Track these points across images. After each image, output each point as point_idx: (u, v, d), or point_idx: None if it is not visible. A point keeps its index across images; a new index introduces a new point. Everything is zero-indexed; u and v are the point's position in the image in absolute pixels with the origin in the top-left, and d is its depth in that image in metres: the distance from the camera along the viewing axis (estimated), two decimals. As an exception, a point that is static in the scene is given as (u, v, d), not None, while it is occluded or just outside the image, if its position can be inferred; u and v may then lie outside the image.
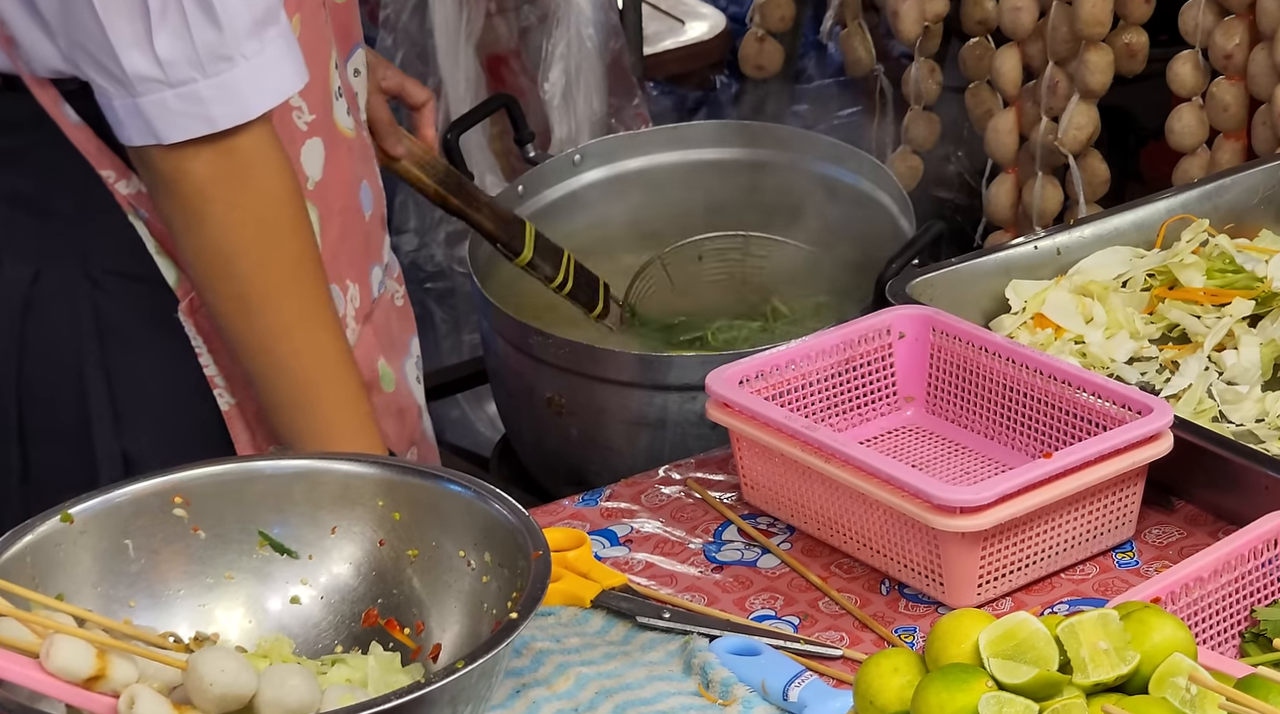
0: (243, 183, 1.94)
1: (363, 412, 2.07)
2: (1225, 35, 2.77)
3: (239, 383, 2.09)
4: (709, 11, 4.37)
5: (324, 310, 2.03)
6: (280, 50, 1.93)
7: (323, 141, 2.09)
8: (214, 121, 1.91)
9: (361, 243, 2.18)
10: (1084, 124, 2.95)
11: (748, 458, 2.09)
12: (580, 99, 3.34)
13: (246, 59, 1.91)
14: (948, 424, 2.17)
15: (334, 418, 2.05)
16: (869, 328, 2.17)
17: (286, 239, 1.98)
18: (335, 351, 2.04)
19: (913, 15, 3.08)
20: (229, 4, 1.88)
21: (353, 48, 2.17)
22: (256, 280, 1.98)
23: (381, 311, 2.24)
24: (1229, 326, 2.28)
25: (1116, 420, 2.02)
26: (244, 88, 1.91)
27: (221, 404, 2.10)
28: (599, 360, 2.50)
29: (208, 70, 1.90)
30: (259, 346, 2.01)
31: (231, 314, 2.00)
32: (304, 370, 2.03)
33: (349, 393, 2.06)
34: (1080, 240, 2.38)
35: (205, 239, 1.96)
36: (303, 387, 2.03)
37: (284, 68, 1.93)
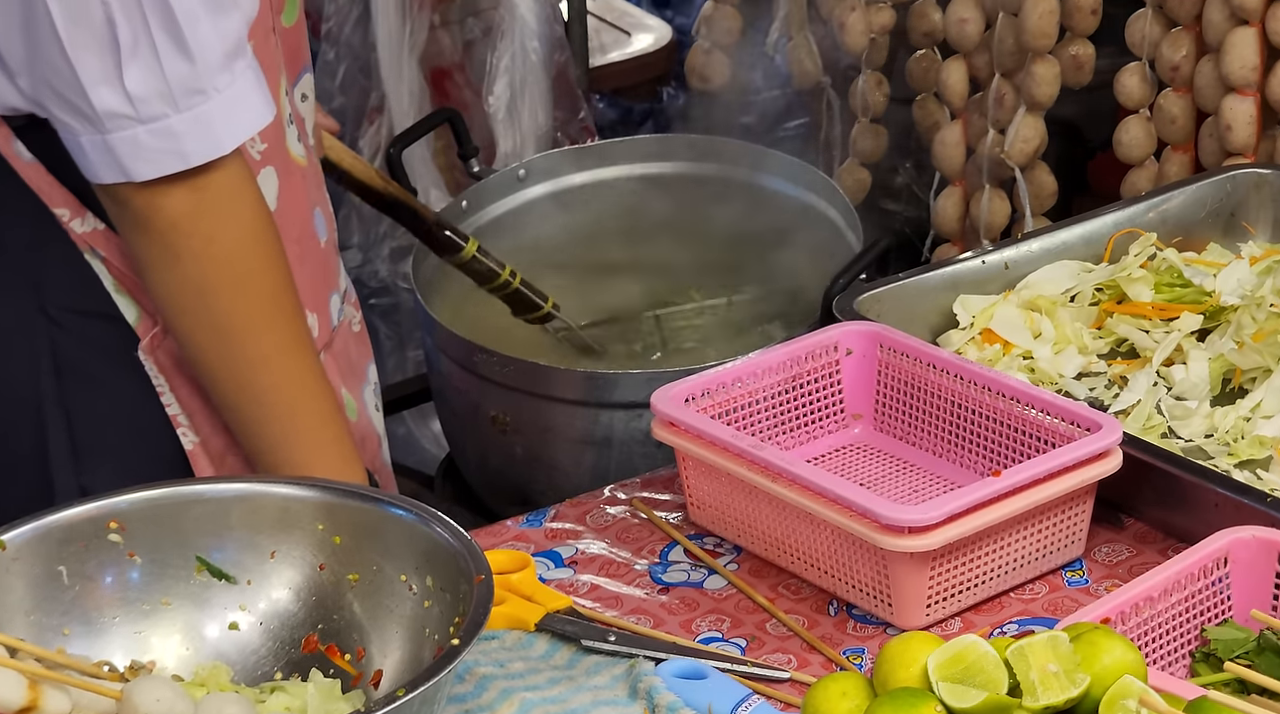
0: (218, 218, 1.91)
1: (345, 442, 2.05)
2: (1172, 47, 2.76)
3: (202, 420, 2.06)
4: (655, 23, 4.35)
5: (302, 341, 2.01)
6: (250, 82, 1.90)
7: (276, 170, 2.07)
8: (187, 157, 1.88)
9: (319, 271, 2.16)
10: (1031, 137, 2.94)
11: (694, 477, 2.06)
12: (525, 113, 3.32)
13: (219, 92, 1.87)
14: (896, 441, 2.15)
15: (316, 449, 2.03)
16: (816, 344, 2.15)
17: (262, 272, 1.96)
18: (314, 382, 2.02)
19: (859, 27, 3.06)
20: (201, 36, 1.85)
21: (301, 72, 2.14)
22: (234, 314, 1.95)
23: (341, 339, 2.21)
24: (1177, 341, 2.26)
25: (1065, 437, 2.00)
26: (216, 122, 1.88)
27: (185, 443, 2.07)
28: (544, 378, 2.47)
29: (180, 105, 1.86)
30: (238, 381, 1.99)
31: (208, 349, 1.97)
32: (284, 402, 2.00)
33: (330, 423, 2.04)
34: (1028, 254, 2.37)
35: (181, 275, 1.93)
36: (283, 419, 2.01)
37: (254, 100, 1.91)
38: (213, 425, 2.06)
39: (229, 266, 1.92)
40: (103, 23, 1.83)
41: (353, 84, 3.46)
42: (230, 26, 1.87)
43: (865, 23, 3.06)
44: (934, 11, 3.06)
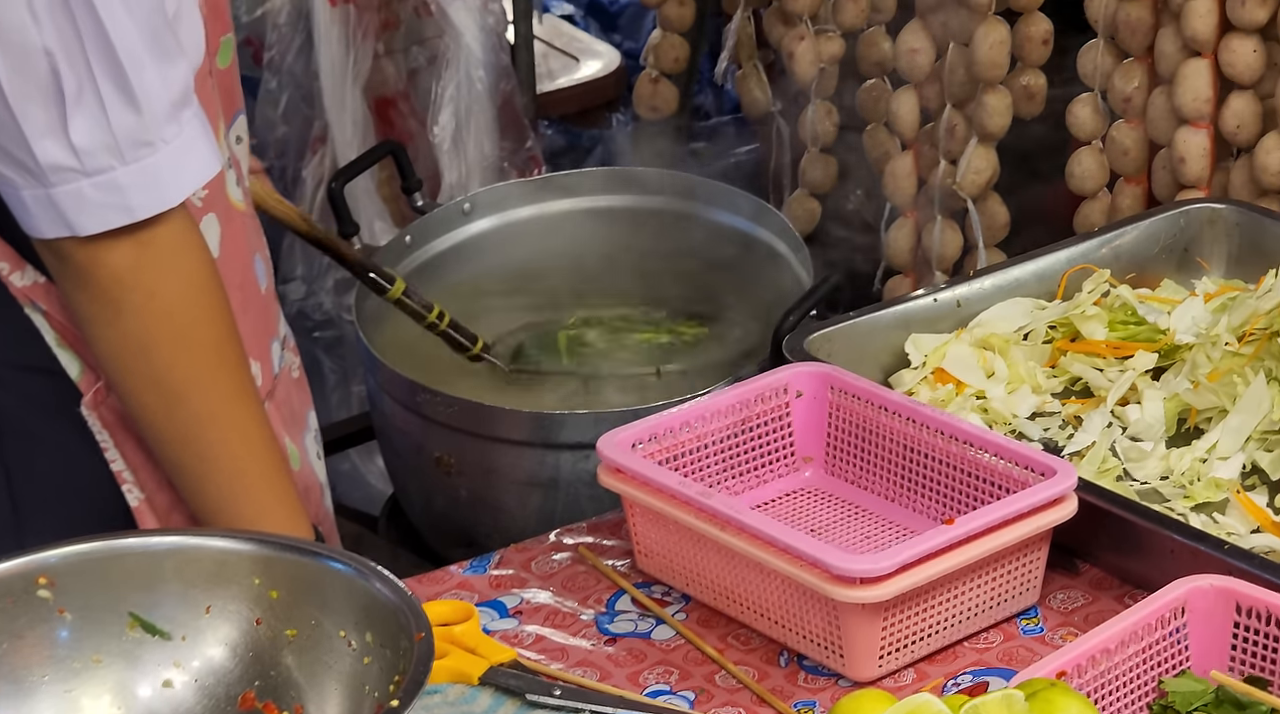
0: (163, 272, 1.86)
1: (291, 497, 2.01)
2: (1124, 78, 2.73)
3: (147, 476, 2.01)
4: (603, 49, 4.32)
5: (247, 394, 1.96)
6: (196, 131, 1.85)
7: (218, 217, 2.02)
8: (133, 211, 1.83)
9: (260, 318, 2.11)
10: (983, 168, 2.91)
11: (641, 524, 2.02)
12: (471, 143, 3.27)
13: (166, 143, 1.82)
14: (847, 485, 2.11)
15: (263, 505, 1.98)
16: (765, 387, 2.11)
17: (207, 325, 1.91)
18: (260, 437, 1.97)
19: (808, 57, 3.02)
20: (147, 85, 1.80)
21: (235, 114, 2.09)
22: (178, 369, 1.90)
23: (283, 387, 2.17)
24: (1132, 381, 2.23)
25: (1020, 482, 1.96)
26: (164, 174, 1.83)
27: (130, 500, 2.02)
28: (489, 419, 2.42)
29: (127, 157, 1.81)
30: (183, 436, 1.94)
31: (153, 406, 1.92)
32: (230, 458, 1.96)
33: (276, 478, 1.99)
34: (981, 292, 2.33)
35: (124, 330, 1.88)
36: (229, 475, 1.96)
37: (201, 150, 1.86)
38: (158, 481, 2.01)
39: (172, 321, 1.87)
40: (46, 74, 1.78)
41: (295, 113, 3.41)
42: (177, 75, 1.83)
43: (814, 52, 3.02)
44: (884, 41, 3.03)
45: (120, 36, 1.77)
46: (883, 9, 3.02)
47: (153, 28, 1.80)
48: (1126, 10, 2.69)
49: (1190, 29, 2.59)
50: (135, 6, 1.78)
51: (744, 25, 3.17)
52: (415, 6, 3.32)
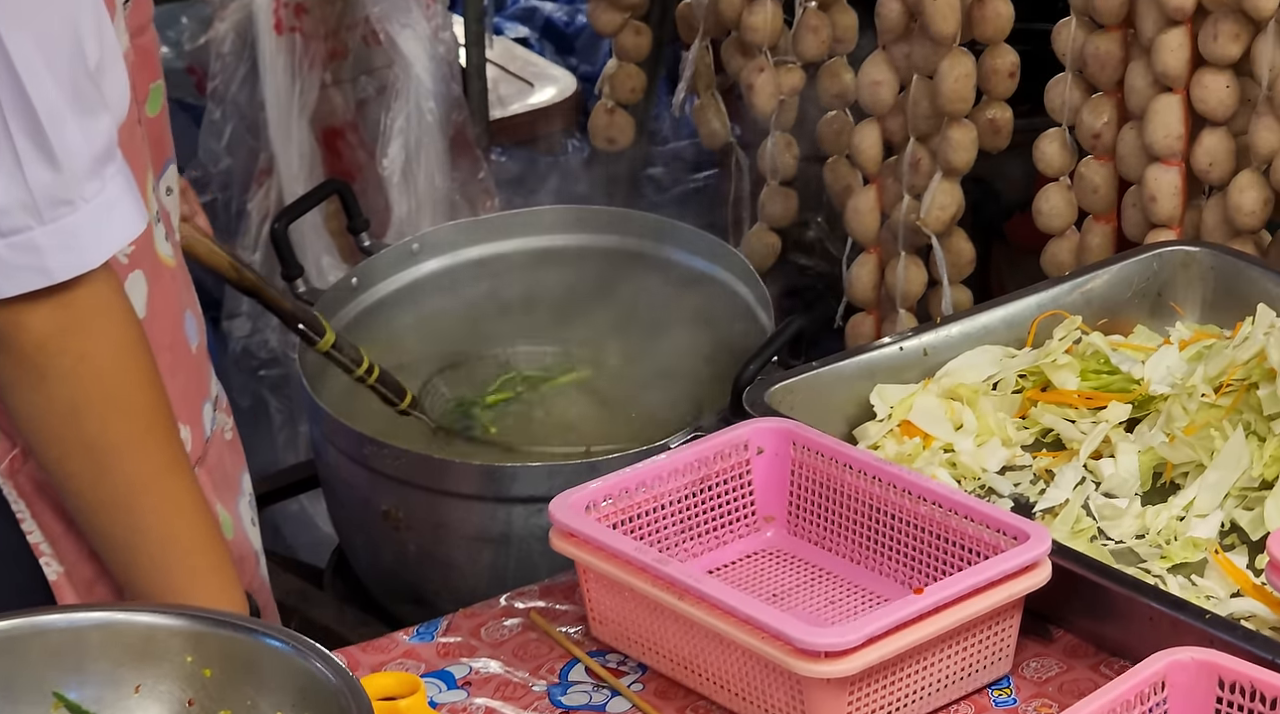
0: (87, 335, 1.77)
1: (224, 568, 1.92)
2: (1093, 114, 2.65)
3: (67, 548, 1.92)
4: (559, 73, 4.22)
5: (178, 462, 1.87)
6: (120, 188, 1.76)
7: (145, 274, 1.93)
8: (51, 273, 1.73)
9: (191, 379, 2.02)
10: (947, 203, 2.83)
11: (595, 591, 1.93)
12: (421, 176, 3.18)
13: (86, 201, 1.73)
14: (811, 546, 2.02)
15: (194, 577, 1.89)
16: (725, 444, 2.02)
17: (137, 390, 1.82)
18: (191, 505, 1.88)
19: (768, 89, 2.94)
20: (68, 141, 1.70)
21: (165, 163, 2.00)
22: (107, 436, 1.81)
23: (215, 451, 2.07)
24: (1105, 433, 2.15)
25: (991, 546, 1.88)
26: (84, 234, 1.73)
27: (49, 573, 1.92)
28: (438, 471, 2.34)
29: (45, 216, 1.72)
30: (112, 505, 1.85)
31: (80, 474, 1.83)
32: (160, 528, 1.87)
33: (209, 549, 1.90)
34: (948, 339, 2.25)
35: (48, 397, 1.78)
36: (159, 546, 1.87)
37: (125, 208, 1.76)
38: (79, 553, 1.91)
39: (100, 386, 1.78)
40: None
41: (240, 144, 3.31)
42: (99, 129, 1.73)
43: (774, 84, 2.93)
44: (845, 72, 2.95)
45: (38, 91, 1.68)
46: (844, 39, 2.94)
47: (73, 81, 1.71)
48: (1095, 43, 2.61)
49: (1161, 64, 2.52)
50: (54, 59, 1.69)
51: (702, 55, 3.08)
52: (364, 35, 3.23)
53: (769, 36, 2.93)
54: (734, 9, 2.94)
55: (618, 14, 3.11)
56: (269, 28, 3.19)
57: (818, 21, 2.91)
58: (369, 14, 3.18)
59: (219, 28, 3.27)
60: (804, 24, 2.92)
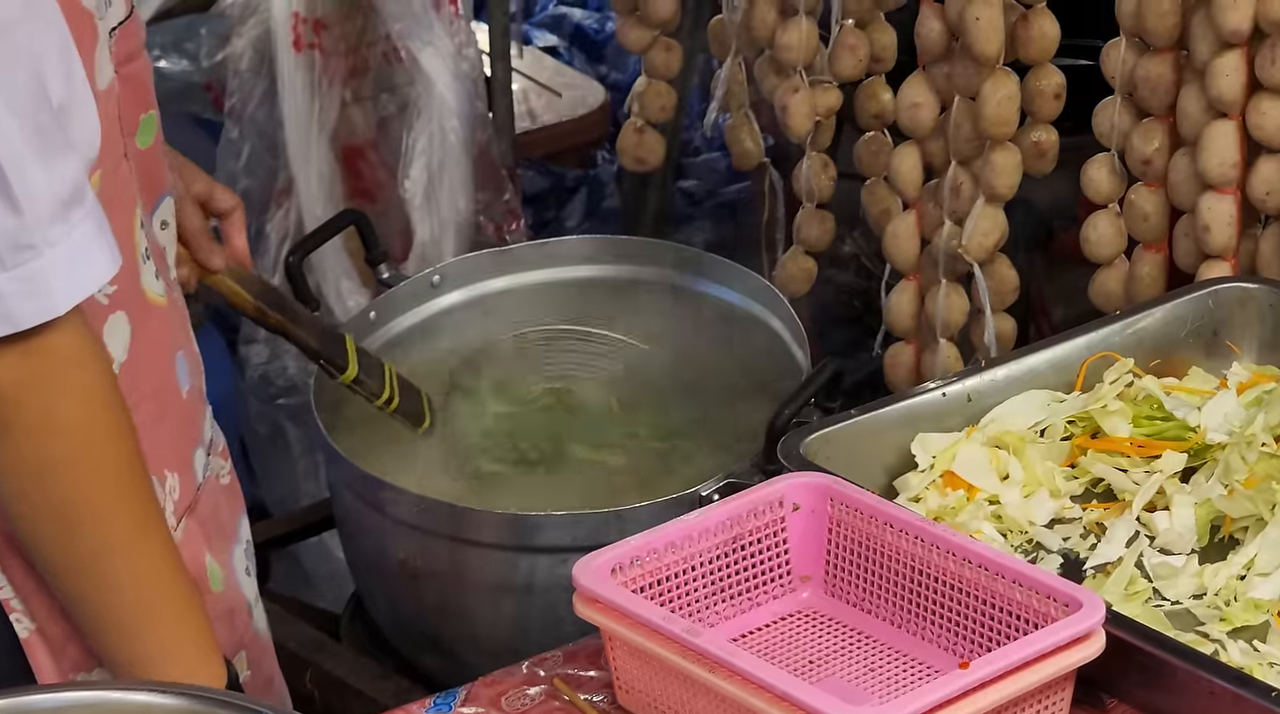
0: (56, 387, 1.68)
1: (204, 635, 1.82)
2: (1144, 139, 2.53)
3: (39, 604, 1.82)
4: (588, 84, 4.13)
5: (154, 519, 1.78)
6: (89, 232, 1.67)
7: (128, 315, 1.83)
8: (16, 321, 1.64)
9: (181, 425, 1.92)
10: (990, 230, 2.71)
11: (622, 659, 1.83)
12: (444, 198, 3.08)
13: (52, 246, 1.64)
14: (849, 608, 1.92)
15: (172, 645, 1.80)
16: (759, 500, 1.91)
17: (110, 445, 1.72)
18: (168, 565, 1.79)
19: (803, 110, 2.82)
20: (30, 186, 1.62)
21: (159, 198, 1.90)
22: (80, 494, 1.72)
23: (207, 498, 1.97)
24: (1159, 484, 2.04)
25: (1040, 613, 1.77)
26: (50, 280, 1.64)
27: (20, 630, 1.83)
28: (457, 519, 2.23)
29: (7, 263, 1.63)
30: (83, 567, 1.75)
31: (49, 534, 1.74)
32: (136, 592, 1.78)
33: (187, 616, 1.81)
34: (993, 384, 2.14)
35: (16, 452, 1.69)
36: (134, 608, 1.78)
37: (94, 252, 1.67)
38: (50, 609, 1.82)
39: (68, 442, 1.69)
40: None
41: (259, 164, 3.22)
42: (65, 173, 1.64)
43: (810, 105, 2.82)
44: (884, 92, 2.83)
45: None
46: (882, 58, 2.83)
47: (36, 123, 1.62)
48: (1146, 66, 2.49)
49: (1216, 88, 2.40)
50: (15, 102, 1.61)
51: (734, 73, 2.97)
52: (385, 52, 3.13)
53: (804, 55, 2.81)
54: (767, 26, 2.83)
55: (647, 31, 3.00)
56: (288, 44, 3.10)
57: (855, 40, 2.80)
58: (390, 31, 3.08)
59: (236, 44, 3.18)
60: (841, 42, 2.80)
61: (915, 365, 2.85)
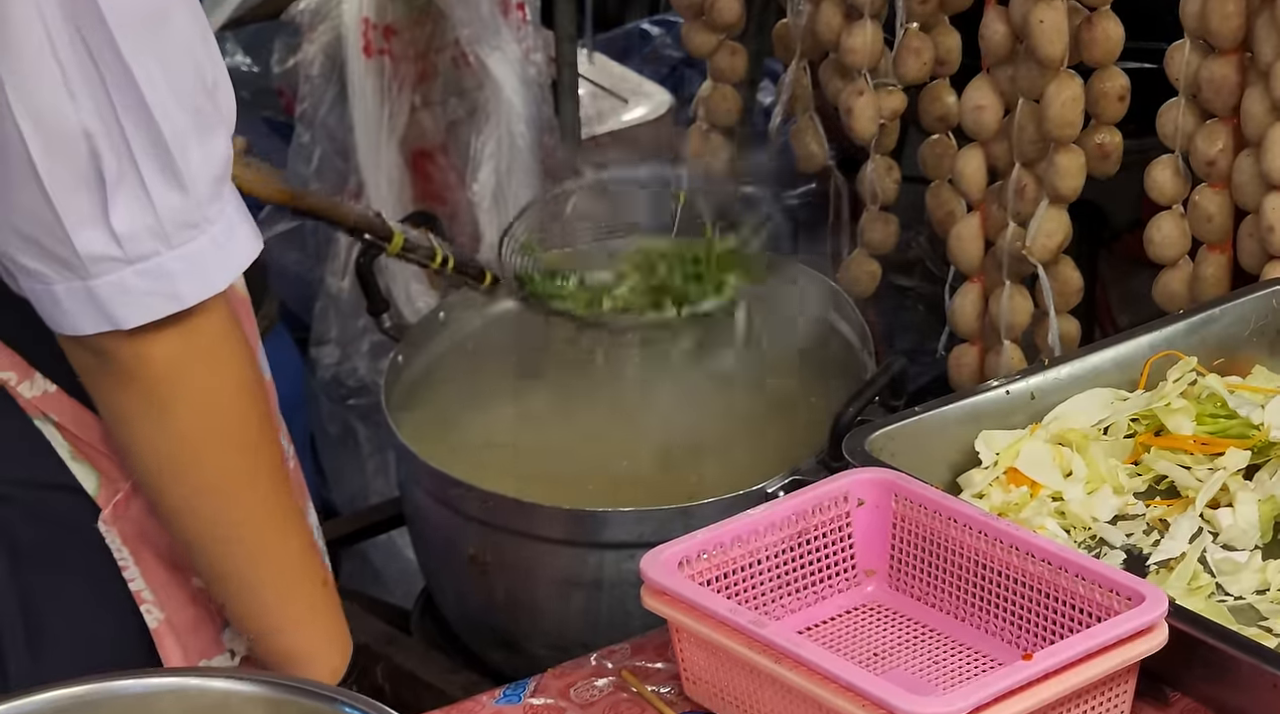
0: (211, 366, 1.72)
1: (335, 601, 1.90)
2: (1208, 140, 2.54)
3: (169, 596, 1.88)
4: (654, 90, 4.14)
5: (288, 491, 1.84)
6: (237, 208, 1.72)
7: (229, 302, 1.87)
8: (181, 298, 1.68)
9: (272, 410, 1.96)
10: (1054, 231, 2.72)
11: (688, 650, 1.85)
12: (512, 201, 3.11)
13: (211, 223, 1.68)
14: (913, 602, 1.94)
15: (309, 608, 1.87)
16: (824, 495, 1.94)
17: (256, 419, 1.78)
18: (306, 537, 1.86)
19: (868, 113, 2.85)
20: (192, 164, 1.65)
21: None
22: (233, 467, 1.77)
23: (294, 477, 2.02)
24: (1223, 481, 2.05)
25: (1104, 608, 1.79)
26: (210, 257, 1.68)
27: (150, 620, 1.88)
28: (525, 515, 2.26)
29: (173, 241, 1.66)
30: (233, 537, 1.80)
31: (196, 508, 1.79)
32: (281, 561, 1.84)
33: (325, 583, 1.88)
34: (1056, 383, 2.15)
35: (171, 430, 1.73)
36: (279, 578, 1.84)
37: (244, 229, 1.72)
38: (180, 600, 1.87)
39: (224, 418, 1.73)
40: (86, 157, 1.63)
41: (329, 168, 3.26)
42: (218, 148, 1.68)
43: (874, 108, 2.84)
44: (948, 95, 2.85)
45: (163, 113, 1.63)
46: (947, 61, 2.85)
47: (194, 103, 1.66)
48: (1210, 68, 2.50)
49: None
50: (178, 80, 1.64)
51: (799, 77, 2.99)
52: (454, 57, 3.16)
53: (869, 58, 2.84)
54: (833, 30, 2.85)
55: (712, 35, 3.03)
56: (358, 50, 3.14)
57: (920, 43, 2.82)
58: (459, 36, 3.11)
59: (308, 50, 3.22)
60: (906, 45, 2.82)
61: (979, 366, 2.87)
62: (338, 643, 1.90)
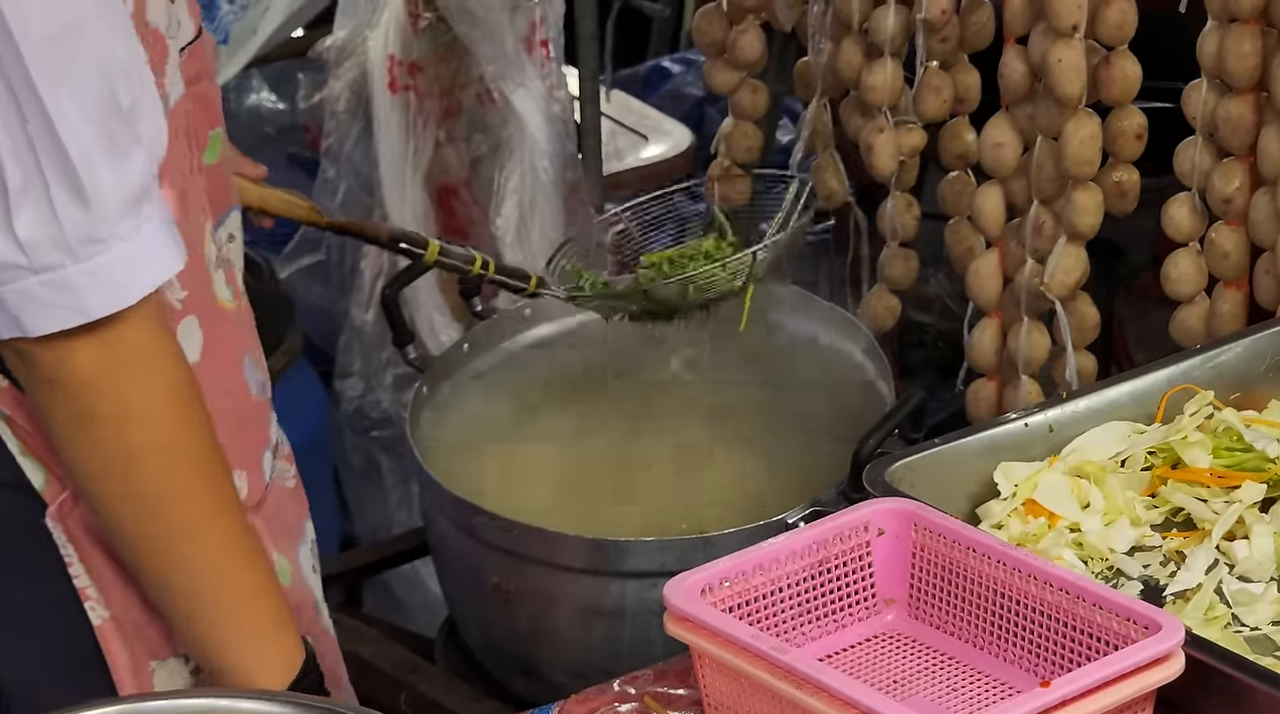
0: (135, 378, 1.76)
1: (281, 614, 1.90)
2: (1224, 178, 2.57)
3: (116, 594, 1.90)
4: (674, 127, 4.18)
5: (231, 503, 1.86)
6: (157, 228, 1.75)
7: (199, 319, 1.92)
8: (88, 311, 1.72)
9: (250, 425, 2.01)
10: (1072, 268, 2.75)
11: (711, 676, 1.88)
12: (535, 235, 3.15)
13: (121, 240, 1.72)
14: (932, 630, 1.96)
15: (249, 619, 1.88)
16: (845, 525, 1.96)
17: (190, 433, 1.80)
18: (245, 548, 1.87)
19: (888, 150, 2.88)
20: (99, 182, 1.70)
21: (226, 212, 2.00)
22: (157, 481, 1.79)
23: (274, 498, 2.05)
24: (1239, 514, 2.07)
25: (1121, 635, 1.81)
26: (120, 272, 1.72)
27: (94, 618, 1.90)
28: (548, 544, 2.29)
29: (78, 254, 1.71)
30: (162, 550, 1.83)
31: (129, 517, 1.81)
32: (216, 572, 1.85)
33: (267, 593, 1.89)
34: (1074, 416, 2.18)
35: (100, 440, 1.77)
36: (216, 590, 1.85)
37: (162, 248, 1.76)
38: (127, 599, 1.89)
39: (150, 431, 1.76)
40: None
41: (354, 202, 3.30)
42: (133, 170, 1.72)
43: (894, 145, 2.88)
44: (967, 133, 2.88)
45: (69, 133, 1.68)
46: (966, 99, 2.88)
47: (105, 123, 1.70)
48: (1226, 107, 2.54)
49: (1296, 128, 2.44)
50: (86, 102, 1.69)
51: (820, 114, 3.03)
52: (478, 94, 3.20)
53: (889, 96, 2.87)
54: (853, 68, 2.89)
55: (734, 73, 3.07)
56: (383, 86, 3.18)
57: (939, 81, 2.85)
58: (483, 73, 3.15)
59: (334, 86, 3.26)
60: (925, 83, 2.86)
61: (997, 401, 2.89)
62: (280, 658, 1.89)
